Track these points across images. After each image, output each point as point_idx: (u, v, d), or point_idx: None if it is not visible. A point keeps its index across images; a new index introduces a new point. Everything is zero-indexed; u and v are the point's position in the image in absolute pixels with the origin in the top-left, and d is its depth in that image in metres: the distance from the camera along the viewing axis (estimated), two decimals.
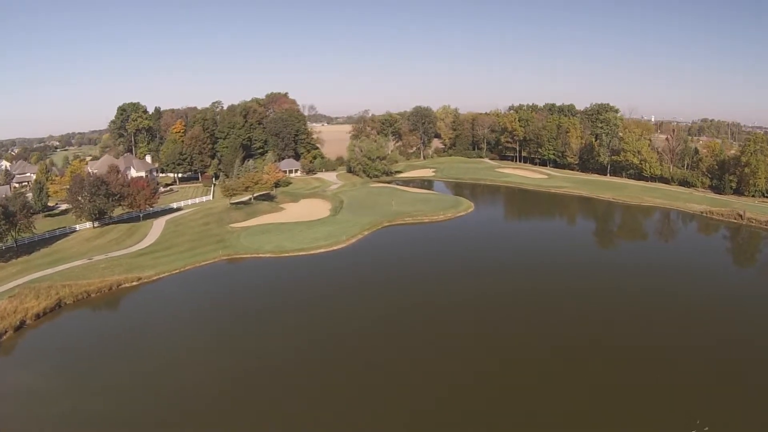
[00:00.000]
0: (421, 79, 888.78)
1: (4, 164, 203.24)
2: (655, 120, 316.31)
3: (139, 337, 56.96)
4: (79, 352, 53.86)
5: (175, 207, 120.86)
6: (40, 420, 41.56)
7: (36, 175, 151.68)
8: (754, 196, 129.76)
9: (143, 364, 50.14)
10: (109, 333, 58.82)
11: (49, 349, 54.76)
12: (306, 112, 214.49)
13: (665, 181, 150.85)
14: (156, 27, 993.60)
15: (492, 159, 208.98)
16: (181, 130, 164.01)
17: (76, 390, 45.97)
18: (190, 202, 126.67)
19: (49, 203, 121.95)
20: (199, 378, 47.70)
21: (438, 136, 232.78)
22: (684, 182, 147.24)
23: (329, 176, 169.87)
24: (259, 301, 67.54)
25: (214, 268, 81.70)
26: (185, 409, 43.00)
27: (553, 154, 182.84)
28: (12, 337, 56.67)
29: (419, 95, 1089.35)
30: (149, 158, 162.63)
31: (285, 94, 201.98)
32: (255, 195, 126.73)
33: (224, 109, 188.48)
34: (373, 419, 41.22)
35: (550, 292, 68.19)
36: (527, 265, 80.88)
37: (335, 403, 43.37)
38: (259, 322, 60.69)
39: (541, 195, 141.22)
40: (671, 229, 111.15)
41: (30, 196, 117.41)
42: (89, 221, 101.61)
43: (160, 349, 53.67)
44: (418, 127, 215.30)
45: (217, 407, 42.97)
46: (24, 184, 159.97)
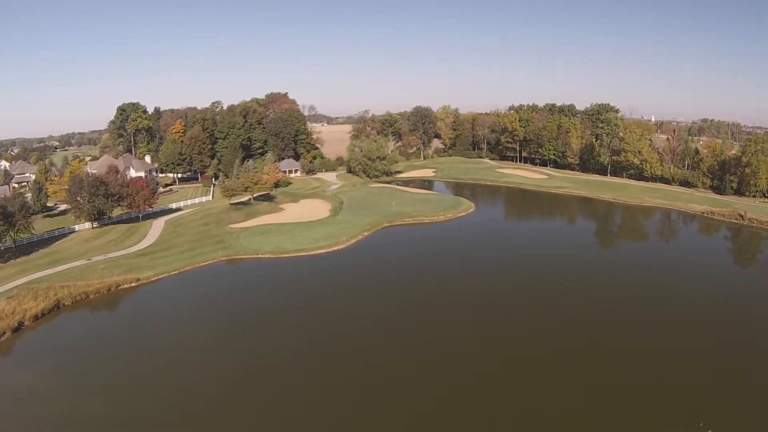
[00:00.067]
0: (421, 79, 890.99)
1: (4, 164, 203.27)
2: (655, 120, 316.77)
3: (138, 338, 56.84)
4: (77, 352, 53.71)
5: (174, 207, 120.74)
6: (40, 420, 41.46)
7: (35, 175, 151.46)
8: (755, 197, 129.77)
9: (142, 365, 50.03)
10: (108, 334, 58.67)
11: (48, 350, 54.63)
12: (306, 112, 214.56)
13: (666, 181, 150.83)
14: (156, 27, 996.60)
15: (492, 159, 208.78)
16: (181, 130, 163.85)
17: (75, 390, 45.85)
18: (189, 203, 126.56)
19: (48, 203, 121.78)
20: (199, 378, 47.61)
21: (438, 137, 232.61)
22: (685, 182, 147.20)
23: (329, 176, 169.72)
24: (258, 301, 67.42)
25: (214, 268, 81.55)
26: (185, 410, 42.88)
27: (554, 155, 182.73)
28: (10, 339, 56.50)
29: (419, 95, 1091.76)
30: (149, 158, 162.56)
31: (285, 94, 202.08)
32: (255, 195, 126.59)
33: (224, 109, 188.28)
34: (373, 419, 41.12)
35: (551, 292, 68.10)
36: (527, 265, 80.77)
37: (335, 403, 43.27)
38: (259, 322, 60.56)
39: (542, 195, 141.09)
40: (672, 229, 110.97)
41: (29, 197, 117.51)
42: (88, 222, 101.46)
43: (160, 349, 53.56)
44: (418, 127, 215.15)
45: (216, 407, 42.84)
46: (23, 185, 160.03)
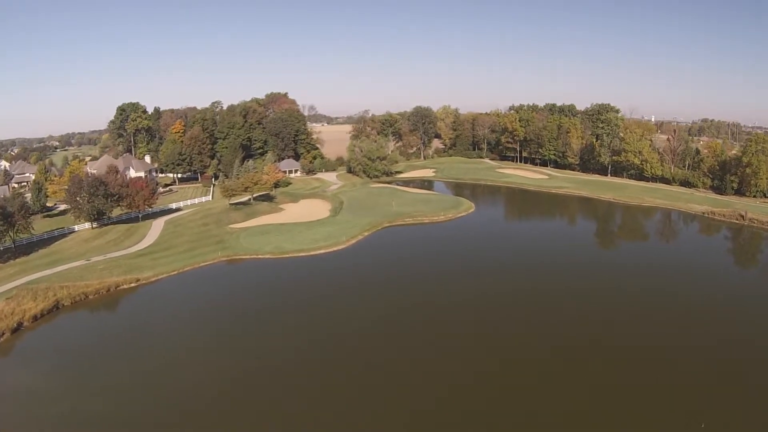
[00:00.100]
0: (421, 79, 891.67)
1: (4, 164, 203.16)
2: (656, 120, 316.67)
3: (138, 338, 56.74)
4: (77, 353, 53.62)
5: (174, 207, 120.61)
6: (40, 420, 41.44)
7: (35, 175, 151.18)
8: (755, 197, 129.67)
9: (142, 365, 49.96)
10: (108, 334, 58.59)
11: (47, 350, 54.54)
12: (306, 112, 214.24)
13: (666, 181, 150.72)
14: (156, 27, 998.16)
15: (492, 159, 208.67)
16: (181, 130, 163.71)
17: (75, 390, 45.79)
18: (189, 203, 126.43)
19: (48, 204, 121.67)
20: (199, 378, 47.55)
21: (438, 137, 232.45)
22: (685, 183, 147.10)
23: (329, 176, 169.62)
24: (258, 301, 67.33)
25: (213, 269, 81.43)
26: (185, 410, 42.82)
27: (554, 155, 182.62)
28: (9, 339, 56.40)
29: (419, 95, 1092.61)
30: (148, 158, 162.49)
31: (285, 94, 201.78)
32: (254, 195, 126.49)
33: (224, 109, 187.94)
34: (373, 419, 41.06)
35: (551, 292, 68.02)
36: (527, 265, 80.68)
37: (335, 403, 43.21)
38: (259, 322, 60.48)
39: (542, 195, 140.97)
40: (672, 229, 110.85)
41: (29, 197, 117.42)
42: (88, 222, 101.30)
43: (160, 349, 53.48)
44: (419, 128, 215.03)
45: (216, 407, 42.78)
46: (23, 185, 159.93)
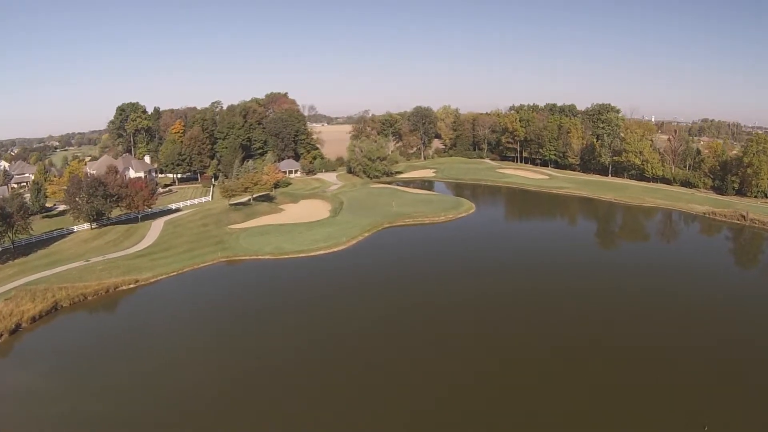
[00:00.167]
0: (421, 79, 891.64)
1: (3, 164, 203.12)
2: (656, 120, 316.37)
3: (137, 339, 56.61)
4: (75, 354, 53.48)
5: (173, 208, 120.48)
6: (40, 420, 41.38)
7: (34, 175, 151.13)
8: (756, 197, 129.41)
9: (142, 365, 49.85)
10: (106, 335, 58.47)
11: (46, 351, 54.43)
12: (306, 113, 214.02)
13: (667, 181, 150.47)
14: (156, 27, 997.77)
15: (493, 159, 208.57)
16: (180, 131, 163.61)
17: (75, 391, 45.70)
18: (188, 203, 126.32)
19: (47, 204, 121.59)
20: (199, 378, 47.46)
21: (438, 137, 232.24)
22: (686, 183, 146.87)
23: (329, 177, 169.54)
24: (258, 301, 67.23)
25: (213, 270, 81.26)
26: (185, 410, 42.72)
27: (555, 155, 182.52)
28: (7, 341, 56.27)
29: (419, 95, 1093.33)
30: (148, 159, 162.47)
31: (285, 94, 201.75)
32: (254, 196, 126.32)
33: (224, 109, 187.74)
34: (373, 419, 40.95)
35: (551, 292, 67.91)
36: (527, 265, 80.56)
37: (335, 403, 43.12)
38: (259, 322, 60.39)
39: (542, 196, 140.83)
40: (673, 230, 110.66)
41: (28, 197, 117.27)
42: (87, 222, 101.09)
43: (159, 350, 53.37)
44: (419, 128, 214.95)
45: (216, 407, 42.69)
46: (22, 185, 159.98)
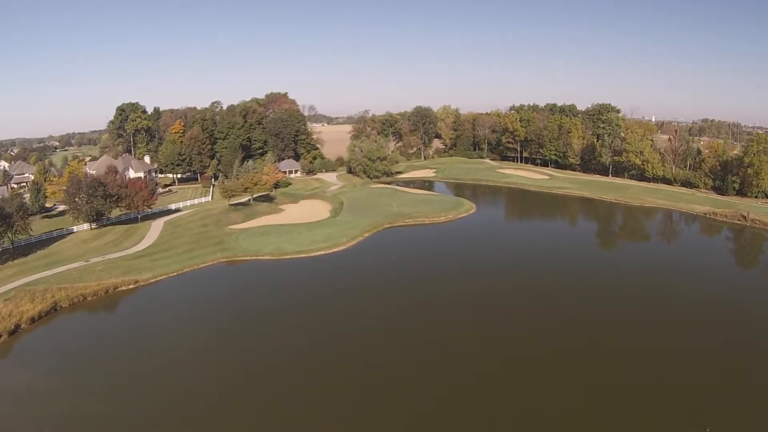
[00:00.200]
0: (421, 79, 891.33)
1: (3, 164, 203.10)
2: (656, 120, 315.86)
3: (137, 339, 56.51)
4: (75, 354, 53.36)
5: (173, 208, 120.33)
6: (40, 420, 41.32)
7: (34, 175, 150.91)
8: (757, 197, 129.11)
9: (141, 366, 49.73)
10: (106, 335, 58.38)
11: (45, 352, 54.29)
12: (306, 113, 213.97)
13: (667, 182, 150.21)
14: (156, 27, 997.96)
15: (493, 159, 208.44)
16: (180, 131, 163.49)
17: (74, 391, 45.60)
18: (188, 203, 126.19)
19: (47, 204, 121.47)
20: (199, 378, 47.39)
21: (439, 137, 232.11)
22: (686, 183, 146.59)
23: (329, 177, 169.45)
24: (258, 301, 67.12)
25: (213, 270, 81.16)
26: (185, 410, 42.64)
27: (555, 155, 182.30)
28: (6, 342, 56.16)
29: (419, 95, 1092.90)
30: (148, 159, 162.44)
31: (285, 94, 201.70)
32: (254, 196, 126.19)
33: (224, 109, 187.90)
34: (373, 419, 40.87)
35: (551, 292, 67.80)
36: (528, 265, 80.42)
37: (335, 403, 43.04)
38: (259, 322, 60.31)
39: (543, 196, 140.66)
40: (674, 230, 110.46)
41: (27, 197, 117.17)
42: (86, 223, 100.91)
43: (159, 350, 53.28)
44: (419, 128, 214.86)
45: (216, 407, 42.61)
46: (22, 185, 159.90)
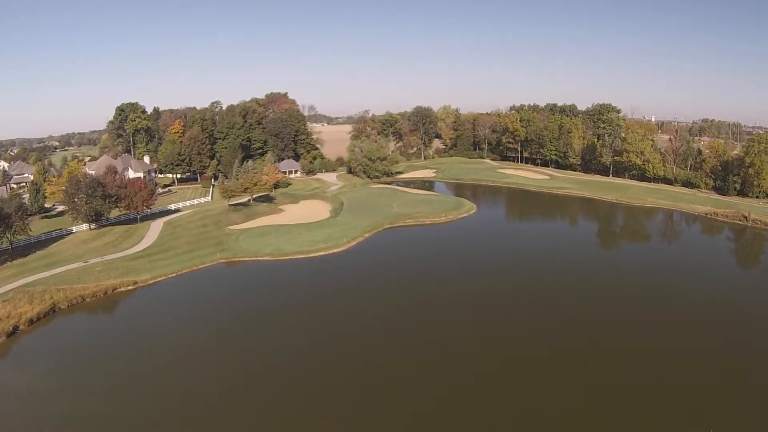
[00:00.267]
0: (421, 79, 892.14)
1: (2, 165, 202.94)
2: (656, 120, 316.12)
3: (136, 340, 56.38)
4: (74, 355, 53.20)
5: (173, 208, 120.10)
6: (40, 420, 41.23)
7: (33, 175, 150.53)
8: (758, 197, 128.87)
9: (141, 366, 49.58)
10: (105, 336, 58.25)
11: (44, 353, 54.10)
12: (306, 113, 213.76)
13: (668, 182, 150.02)
14: (156, 27, 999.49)
15: (493, 159, 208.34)
16: (180, 131, 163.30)
17: (74, 391, 45.48)
18: (188, 204, 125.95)
19: (46, 204, 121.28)
20: (199, 378, 47.30)
21: (439, 137, 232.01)
22: (687, 183, 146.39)
23: (329, 177, 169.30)
24: (258, 302, 67.00)
25: (212, 271, 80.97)
26: (185, 410, 42.54)
27: (555, 155, 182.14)
28: (5, 343, 55.94)
29: (419, 95, 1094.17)
30: (147, 159, 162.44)
31: (285, 94, 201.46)
32: (254, 196, 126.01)
33: (223, 109, 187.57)
34: (373, 419, 40.75)
35: (551, 292, 67.70)
36: (528, 265, 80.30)
37: (335, 403, 42.94)
38: (259, 322, 60.20)
39: (543, 196, 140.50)
40: (675, 230, 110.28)
41: (27, 197, 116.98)
42: (86, 223, 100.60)
43: (158, 350, 53.14)
44: (419, 128, 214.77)
45: (216, 407, 42.52)
46: (22, 185, 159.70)
